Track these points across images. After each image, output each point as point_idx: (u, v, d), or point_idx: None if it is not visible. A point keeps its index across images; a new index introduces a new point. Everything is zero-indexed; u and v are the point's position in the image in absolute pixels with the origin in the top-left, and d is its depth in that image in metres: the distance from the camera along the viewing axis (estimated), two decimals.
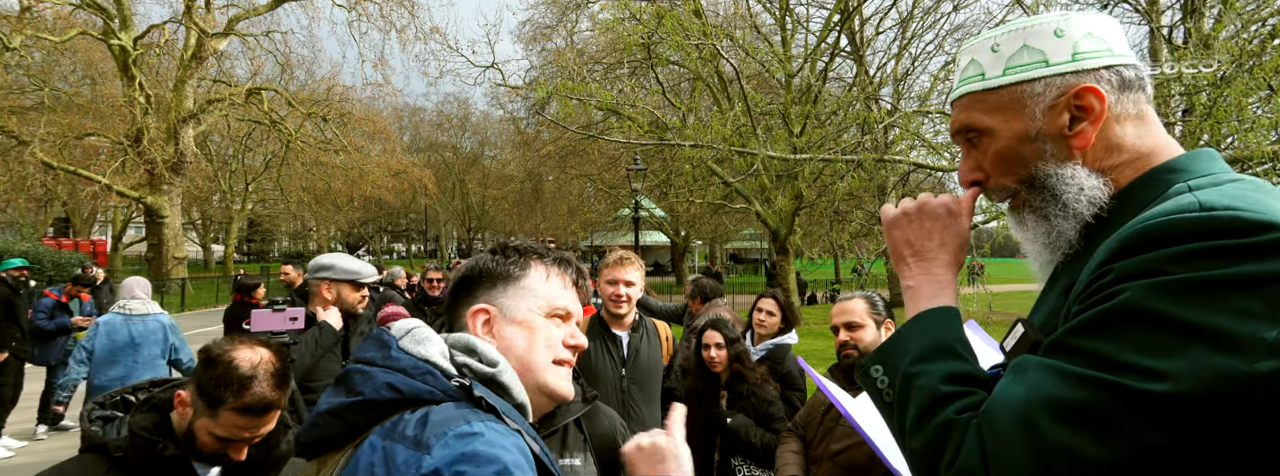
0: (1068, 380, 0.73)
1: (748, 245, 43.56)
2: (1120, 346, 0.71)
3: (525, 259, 1.16)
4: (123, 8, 19.97)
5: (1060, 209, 0.94)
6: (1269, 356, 0.66)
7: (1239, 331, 0.67)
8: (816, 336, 13.17)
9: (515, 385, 1.02)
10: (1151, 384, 0.68)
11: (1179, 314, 0.69)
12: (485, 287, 1.13)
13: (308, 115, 23.36)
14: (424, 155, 42.89)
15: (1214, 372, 0.67)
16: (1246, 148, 6.89)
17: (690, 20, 11.62)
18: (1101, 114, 0.92)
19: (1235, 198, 0.75)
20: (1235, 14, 7.83)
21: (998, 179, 1.00)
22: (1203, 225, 0.73)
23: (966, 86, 1.00)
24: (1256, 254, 0.69)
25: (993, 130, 0.97)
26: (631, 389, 3.05)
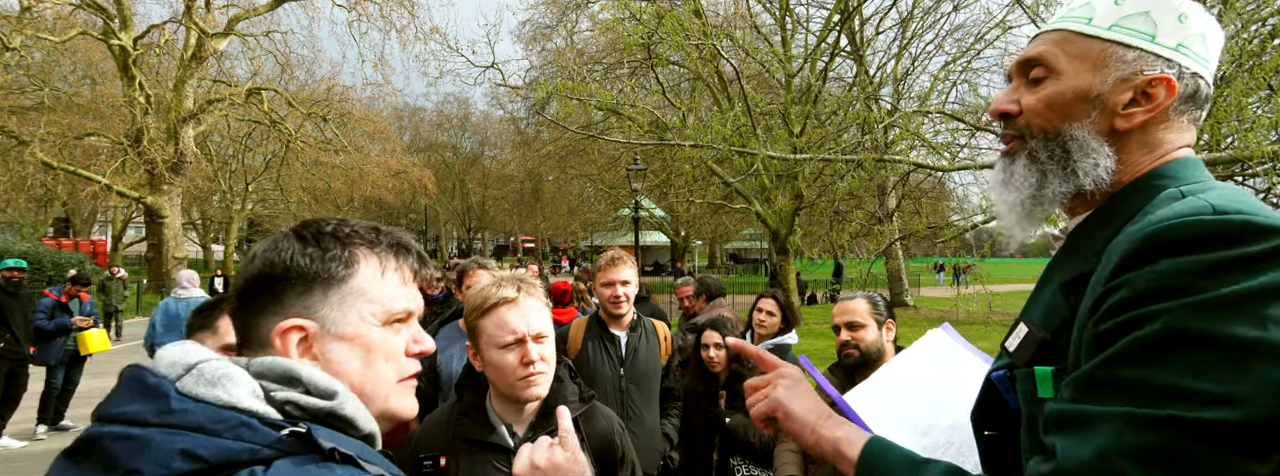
0: (1134, 425, 0.69)
1: (748, 245, 43.57)
2: (1177, 375, 0.68)
3: (350, 250, 0.85)
4: (123, 8, 19.97)
5: (1062, 172, 0.92)
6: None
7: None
8: (816, 336, 13.18)
9: (361, 415, 0.78)
10: (1223, 412, 0.65)
11: (1226, 332, 0.67)
12: (296, 293, 0.81)
13: (308, 115, 23.36)
14: (424, 155, 42.89)
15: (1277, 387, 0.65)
16: (1246, 148, 6.89)
17: (690, 20, 11.62)
18: (1159, 108, 0.90)
19: (1240, 201, 0.75)
20: (1235, 14, 7.82)
21: (1030, 117, 0.96)
22: (1217, 229, 0.71)
23: (1069, 23, 0.96)
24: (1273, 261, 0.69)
25: (1061, 74, 0.94)
26: (630, 388, 3.05)
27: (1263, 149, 6.70)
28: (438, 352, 3.15)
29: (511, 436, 1.63)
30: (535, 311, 1.60)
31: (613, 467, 1.74)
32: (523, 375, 1.55)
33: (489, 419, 1.64)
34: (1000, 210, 1.00)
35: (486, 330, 1.59)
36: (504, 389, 1.60)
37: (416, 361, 0.90)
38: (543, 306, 1.64)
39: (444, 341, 3.19)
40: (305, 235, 0.85)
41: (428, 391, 3.11)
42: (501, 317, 1.57)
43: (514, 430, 1.64)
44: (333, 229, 0.87)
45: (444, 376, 3.07)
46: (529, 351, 1.55)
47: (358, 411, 0.78)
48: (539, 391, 1.58)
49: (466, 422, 1.63)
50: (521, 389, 1.56)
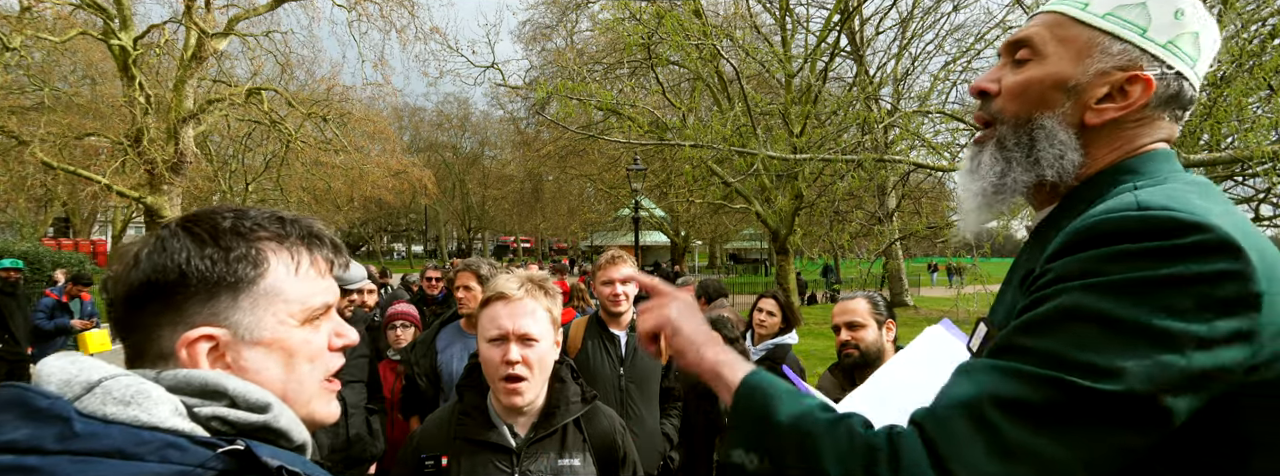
0: (1018, 378, 0.72)
1: (748, 245, 43.54)
2: (1066, 344, 0.72)
3: (256, 247, 0.76)
4: (123, 8, 19.97)
5: (1027, 161, 0.92)
6: (1200, 350, 0.68)
7: (1173, 328, 0.69)
8: (817, 336, 13.17)
9: (294, 426, 0.73)
10: (1103, 383, 0.69)
11: (1118, 312, 0.70)
12: (200, 300, 0.72)
13: (308, 115, 23.34)
14: (424, 155, 42.86)
15: (1161, 369, 0.68)
16: (1246, 148, 6.89)
17: (690, 20, 11.62)
18: (1132, 105, 0.89)
19: (1171, 197, 0.76)
20: (1235, 14, 7.82)
21: (1005, 101, 0.95)
22: (1137, 224, 0.74)
23: (1065, 6, 0.94)
24: (1184, 254, 0.71)
25: (1046, 58, 0.93)
26: (630, 388, 3.05)
27: (1263, 149, 6.71)
28: (438, 353, 3.15)
29: (513, 437, 1.63)
30: (528, 313, 1.59)
31: (614, 467, 1.74)
32: (503, 374, 1.55)
33: (490, 419, 1.64)
34: (962, 198, 1.00)
35: (481, 322, 1.61)
36: (491, 387, 1.61)
37: (340, 356, 0.84)
38: (543, 310, 1.62)
39: (444, 342, 3.19)
40: (200, 233, 0.75)
41: (429, 392, 3.11)
42: (494, 312, 1.58)
43: (515, 430, 1.64)
44: (232, 224, 0.77)
45: (445, 377, 3.07)
46: (509, 351, 1.55)
47: (291, 422, 0.72)
48: (517, 400, 1.57)
49: (468, 422, 1.64)
50: (502, 394, 1.57)
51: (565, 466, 1.62)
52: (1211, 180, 5.36)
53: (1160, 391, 0.68)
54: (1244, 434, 0.73)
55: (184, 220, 0.79)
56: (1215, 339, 0.69)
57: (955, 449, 0.72)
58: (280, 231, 0.80)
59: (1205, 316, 0.69)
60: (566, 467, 1.62)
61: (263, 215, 0.82)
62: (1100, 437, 0.69)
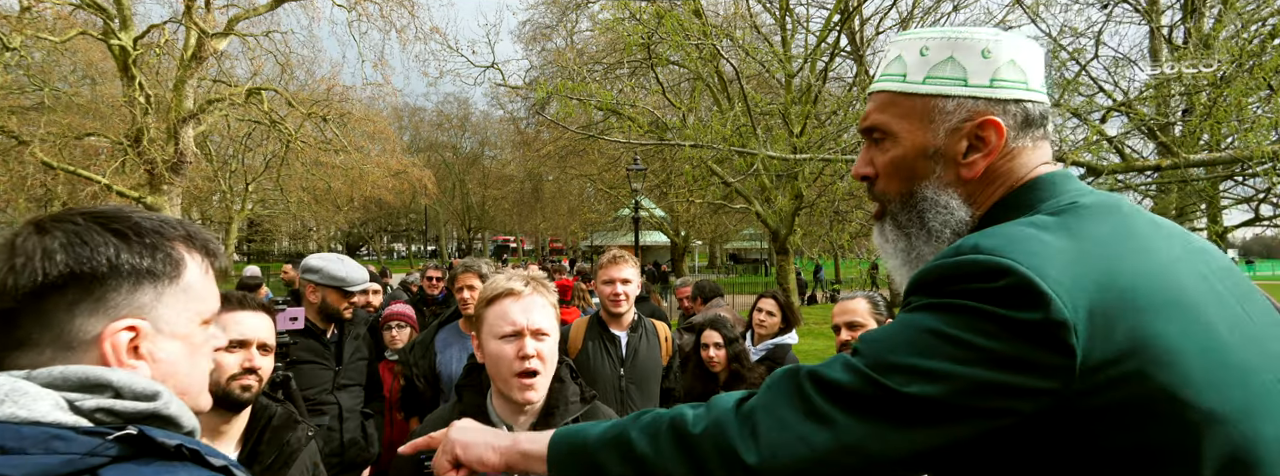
0: (841, 366, 0.83)
1: (748, 245, 43.54)
2: (885, 350, 0.81)
3: (175, 247, 0.82)
4: (123, 8, 19.97)
5: (923, 233, 0.99)
6: (992, 368, 0.76)
7: (976, 343, 0.77)
8: (816, 336, 13.17)
9: (183, 412, 0.76)
10: (907, 386, 0.78)
11: (929, 327, 0.80)
12: (125, 292, 0.77)
13: (308, 115, 23.34)
14: (424, 155, 42.84)
15: (955, 377, 0.76)
16: (1246, 147, 6.89)
17: (690, 20, 11.61)
18: (996, 148, 0.94)
19: (995, 239, 0.83)
20: (1235, 14, 7.82)
21: (884, 183, 1.02)
22: (950, 269, 0.83)
23: (887, 83, 1.00)
24: (993, 296, 0.78)
25: (897, 136, 0.98)
26: (630, 389, 3.05)
27: (1263, 149, 6.70)
28: (437, 354, 3.14)
29: None
30: (539, 308, 1.60)
31: None
32: (518, 370, 1.55)
33: (490, 418, 1.64)
34: (890, 268, 1.07)
35: (488, 320, 1.60)
36: (501, 385, 1.60)
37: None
38: (549, 306, 1.64)
39: (443, 343, 3.19)
40: (122, 230, 0.79)
41: (427, 393, 3.11)
42: (504, 308, 1.58)
43: (514, 430, 1.64)
44: (152, 225, 0.82)
45: (444, 377, 3.07)
46: (525, 345, 1.55)
47: (180, 409, 0.76)
48: (533, 395, 1.58)
49: None
50: (517, 390, 1.56)
51: None
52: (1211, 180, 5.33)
53: (948, 396, 0.76)
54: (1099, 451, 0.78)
55: (94, 216, 0.81)
56: (1017, 360, 0.76)
57: (770, 403, 0.84)
58: (187, 235, 0.85)
59: (1008, 342, 0.76)
60: None
61: (165, 219, 0.86)
62: (895, 427, 0.78)
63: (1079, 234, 0.83)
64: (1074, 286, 0.76)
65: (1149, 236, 0.86)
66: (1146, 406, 0.75)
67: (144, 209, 0.87)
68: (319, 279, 3.06)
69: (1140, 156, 8.63)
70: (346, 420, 3.05)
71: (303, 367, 2.93)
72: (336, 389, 3.05)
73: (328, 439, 2.93)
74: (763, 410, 0.83)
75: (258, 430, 1.74)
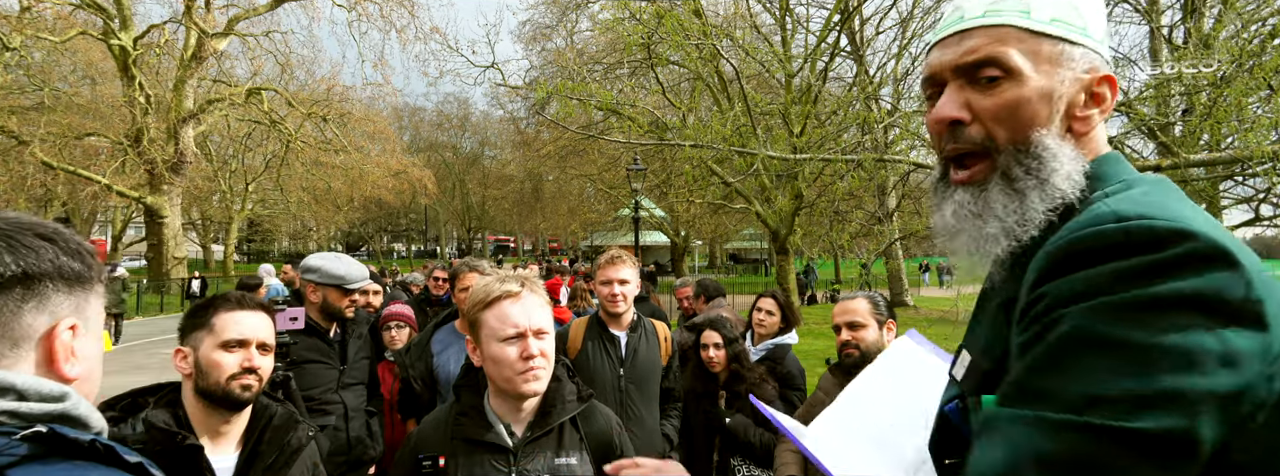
0: (1044, 430, 0.67)
1: (748, 245, 43.56)
2: (1083, 381, 0.66)
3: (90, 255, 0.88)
4: (123, 8, 19.96)
5: (1042, 189, 0.84)
6: (1223, 368, 0.63)
7: (1189, 347, 0.64)
8: (816, 336, 13.18)
9: (91, 413, 0.78)
10: (1132, 420, 0.63)
11: (1127, 337, 0.65)
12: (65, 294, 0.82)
13: (308, 115, 23.34)
14: (424, 155, 42.88)
15: (1187, 394, 0.63)
16: (1246, 148, 6.89)
17: (690, 20, 11.61)
18: (1109, 107, 0.88)
19: (1145, 205, 0.72)
20: (1235, 14, 7.83)
21: (994, 124, 0.87)
22: (1121, 237, 0.69)
23: (1008, 17, 0.87)
24: (1178, 268, 0.66)
25: (1022, 76, 0.86)
26: (630, 388, 3.05)
27: (1263, 149, 6.70)
28: (434, 355, 3.13)
29: (510, 436, 1.63)
30: (538, 307, 1.61)
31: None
32: (522, 369, 1.55)
33: (487, 418, 1.64)
34: (972, 242, 0.89)
35: (488, 323, 1.59)
36: (502, 383, 1.60)
37: None
38: (545, 303, 1.65)
39: (440, 344, 3.18)
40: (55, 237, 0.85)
41: (424, 395, 3.10)
42: (504, 311, 1.58)
43: (512, 429, 1.64)
44: (71, 234, 0.88)
45: (442, 378, 3.06)
46: (529, 346, 1.56)
47: (88, 410, 0.77)
48: (538, 386, 1.59)
49: (465, 422, 1.64)
50: (521, 382, 1.57)
51: (562, 465, 1.62)
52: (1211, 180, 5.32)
53: (1191, 419, 0.62)
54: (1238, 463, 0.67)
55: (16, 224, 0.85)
56: (1232, 353, 0.64)
57: None
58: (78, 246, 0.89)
59: (1216, 331, 0.64)
60: (563, 466, 1.62)
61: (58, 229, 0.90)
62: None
63: (1180, 199, 0.78)
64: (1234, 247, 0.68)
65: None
66: None
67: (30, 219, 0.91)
68: (318, 278, 3.06)
69: (1140, 156, 8.64)
70: (352, 419, 3.05)
71: (307, 367, 2.92)
72: (341, 388, 3.05)
73: (333, 438, 2.92)
74: None
75: (258, 430, 1.74)
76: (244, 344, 1.69)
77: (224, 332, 1.69)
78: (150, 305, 20.18)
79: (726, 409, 3.15)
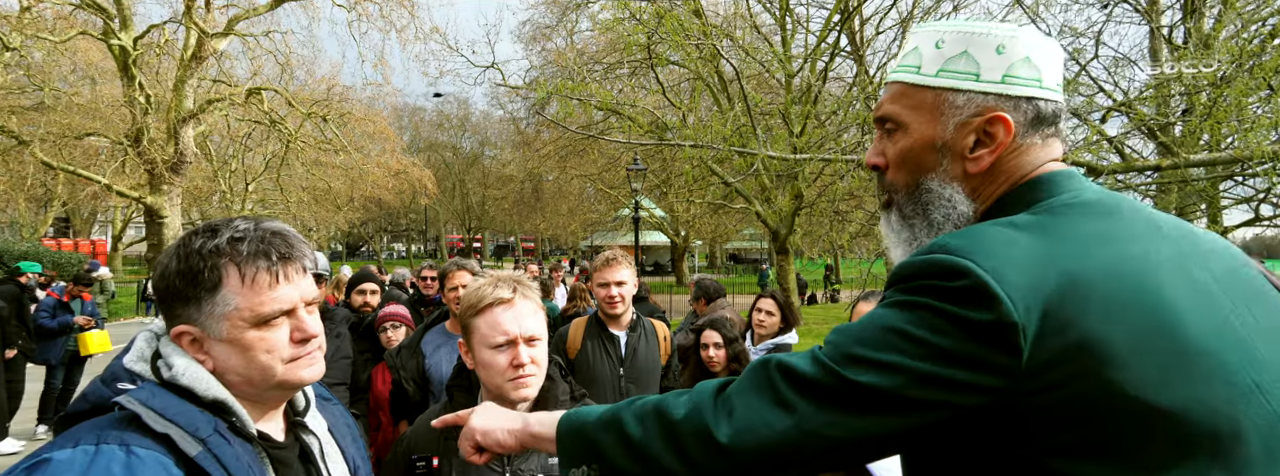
0: (807, 358, 0.88)
1: (748, 245, 43.56)
2: (850, 343, 0.86)
3: (215, 267, 1.03)
4: (123, 8, 19.96)
5: (925, 224, 1.01)
6: (940, 363, 0.80)
7: (928, 339, 0.81)
8: (816, 336, 13.17)
9: (199, 383, 1.00)
10: (857, 374, 0.82)
11: (889, 324, 0.84)
12: (179, 306, 1.03)
13: (308, 115, 23.34)
14: (424, 155, 42.87)
15: (903, 369, 0.81)
16: (1246, 147, 6.88)
17: (690, 20, 11.61)
18: (1002, 145, 0.95)
19: (964, 239, 0.86)
20: (1235, 14, 7.83)
21: (893, 174, 1.04)
22: (918, 267, 0.86)
23: (902, 74, 1.01)
24: (942, 293, 0.82)
25: (907, 127, 1.00)
26: (630, 388, 3.04)
27: (1263, 149, 6.69)
28: (425, 356, 3.11)
29: None
30: (530, 314, 1.60)
31: None
32: (512, 376, 1.55)
33: None
34: (893, 257, 1.08)
35: (480, 329, 1.58)
36: (493, 388, 1.60)
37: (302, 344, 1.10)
38: (538, 309, 1.63)
39: (432, 345, 3.15)
40: (180, 253, 1.04)
41: (416, 396, 3.07)
42: (495, 318, 1.57)
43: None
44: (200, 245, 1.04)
45: (434, 379, 3.04)
46: (520, 354, 1.55)
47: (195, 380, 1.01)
48: (528, 392, 1.58)
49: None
50: (511, 389, 1.56)
51: (556, 465, 1.61)
52: (1211, 180, 5.29)
53: (896, 388, 0.81)
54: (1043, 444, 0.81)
55: (185, 235, 1.06)
56: (965, 357, 0.79)
57: (744, 390, 0.89)
58: (236, 250, 1.03)
59: (958, 339, 0.80)
60: (558, 467, 1.61)
61: (224, 236, 1.04)
62: (848, 414, 0.83)
63: (1055, 234, 0.86)
64: (1031, 288, 0.79)
65: (1138, 237, 0.86)
66: (1090, 403, 0.78)
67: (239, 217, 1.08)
68: None
69: (1140, 156, 8.62)
70: None
71: None
72: None
73: None
74: (738, 395, 0.90)
75: None
76: None
77: None
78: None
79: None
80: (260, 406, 1.10)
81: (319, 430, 1.24)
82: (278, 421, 1.17)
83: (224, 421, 1.01)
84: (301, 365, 1.08)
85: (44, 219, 32.04)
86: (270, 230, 1.07)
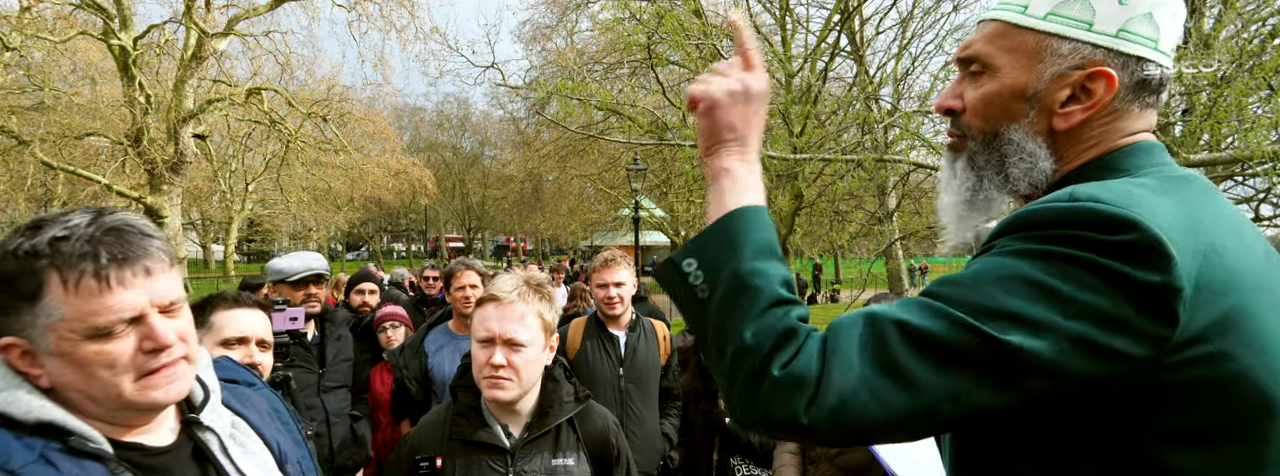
0: (935, 316, 0.75)
1: None
2: (985, 297, 0.73)
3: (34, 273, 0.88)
4: (123, 8, 19.96)
5: (999, 178, 0.92)
6: (1101, 327, 0.70)
7: (1083, 300, 0.71)
8: None
9: (15, 406, 0.86)
10: (1010, 334, 0.70)
11: (1036, 277, 0.73)
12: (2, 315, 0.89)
13: (308, 115, 23.33)
14: (424, 155, 42.84)
15: (1060, 332, 0.70)
16: (1247, 147, 6.87)
17: (690, 20, 11.60)
18: (1098, 104, 0.87)
19: (1110, 190, 0.76)
20: (1235, 14, 7.83)
21: (971, 116, 0.94)
22: (1068, 214, 0.75)
23: (1004, 13, 0.91)
24: (1112, 250, 0.72)
25: (998, 71, 0.91)
26: (629, 388, 3.04)
27: (1263, 149, 6.69)
28: (428, 356, 3.11)
29: (507, 436, 1.62)
30: (517, 317, 1.59)
31: (608, 466, 1.73)
32: (487, 375, 1.56)
33: (484, 419, 1.64)
34: (941, 208, 0.99)
35: (474, 322, 1.63)
36: (477, 382, 1.62)
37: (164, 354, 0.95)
38: (534, 315, 1.62)
39: (434, 345, 3.15)
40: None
41: (418, 396, 3.07)
42: (484, 314, 1.60)
43: (509, 430, 1.63)
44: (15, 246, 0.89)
45: (436, 379, 3.04)
46: (494, 354, 1.55)
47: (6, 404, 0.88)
48: (500, 394, 1.57)
49: (462, 423, 1.63)
50: (485, 387, 1.58)
51: (559, 466, 1.62)
52: (1212, 180, 5.31)
53: (1048, 351, 0.70)
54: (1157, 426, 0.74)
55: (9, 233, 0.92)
56: (1126, 322, 0.70)
57: (841, 354, 0.75)
58: (57, 251, 0.87)
59: (1119, 303, 0.70)
60: (561, 467, 1.62)
61: (46, 235, 0.88)
62: (980, 380, 0.71)
63: (1189, 203, 0.78)
64: (1191, 252, 0.72)
65: (1245, 224, 0.83)
66: (1218, 388, 0.71)
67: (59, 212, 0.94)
68: (269, 277, 3.03)
69: None
70: (335, 424, 2.98)
71: None
72: (322, 392, 2.98)
73: (316, 444, 2.87)
74: (840, 358, 0.75)
75: None
76: (244, 341, 1.69)
77: (223, 330, 1.68)
78: None
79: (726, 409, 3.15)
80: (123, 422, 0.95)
81: (219, 425, 1.07)
82: (166, 424, 1.02)
83: (58, 443, 0.86)
84: (156, 383, 0.91)
85: None
86: (106, 226, 0.91)
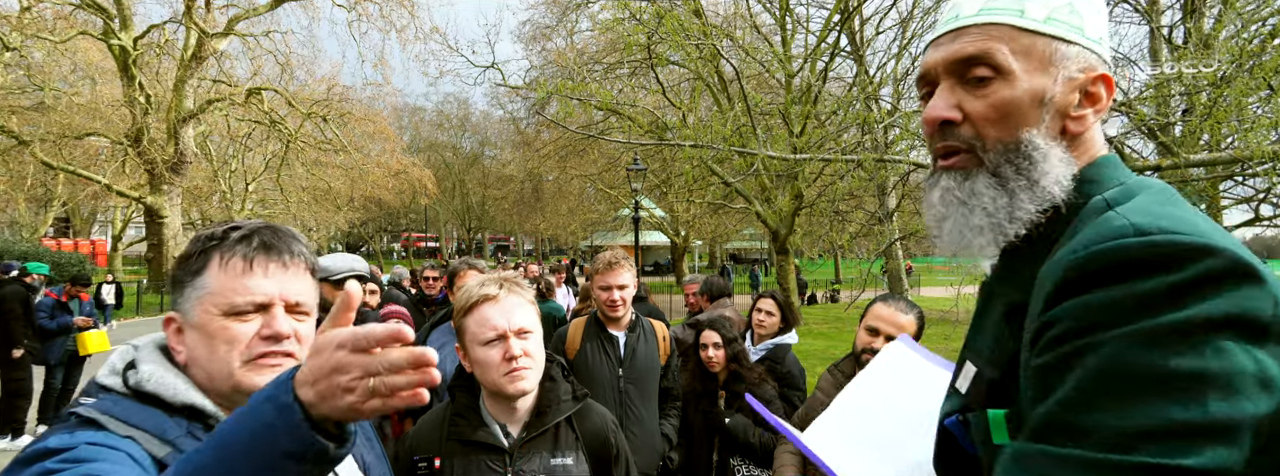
0: (1082, 470, 0.62)
1: (748, 245, 43.55)
2: (1124, 416, 0.62)
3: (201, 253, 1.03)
4: (123, 8, 19.96)
5: (1032, 190, 0.83)
6: (1262, 391, 0.61)
7: (1231, 371, 0.61)
8: (816, 336, 13.17)
9: (165, 389, 0.95)
10: (1182, 457, 0.59)
11: (1167, 365, 0.62)
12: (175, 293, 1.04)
13: (308, 115, 23.35)
14: (424, 155, 42.88)
15: (1235, 419, 0.60)
16: (1247, 147, 6.87)
17: (690, 20, 11.61)
18: (1103, 107, 0.86)
19: (1160, 216, 0.70)
20: (1235, 14, 7.83)
21: (985, 126, 0.85)
22: (1142, 254, 0.66)
23: (1001, 16, 0.86)
24: (1204, 287, 0.64)
25: (1011, 76, 0.84)
26: (629, 388, 3.04)
27: (1263, 149, 6.69)
28: None
29: (505, 436, 1.62)
30: (517, 308, 1.60)
31: (608, 465, 1.73)
32: (506, 370, 1.55)
33: (483, 419, 1.64)
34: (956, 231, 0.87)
35: (469, 328, 1.60)
36: (490, 386, 1.60)
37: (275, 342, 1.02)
38: (527, 303, 1.64)
39: (435, 344, 3.16)
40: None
41: None
42: (483, 314, 1.58)
43: (508, 430, 1.63)
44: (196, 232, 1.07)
45: (440, 379, 3.05)
46: (511, 346, 1.55)
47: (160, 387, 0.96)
48: (524, 385, 1.58)
49: (460, 423, 1.63)
50: (506, 383, 1.56)
51: (558, 465, 1.61)
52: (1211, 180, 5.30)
53: (1239, 449, 0.60)
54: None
55: None
56: (1267, 374, 0.61)
57: None
58: (226, 238, 1.03)
59: (1251, 351, 0.61)
60: (559, 466, 1.61)
61: (224, 229, 1.04)
62: None
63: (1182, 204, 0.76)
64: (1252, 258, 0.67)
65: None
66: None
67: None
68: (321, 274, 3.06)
69: (1140, 156, 8.63)
70: None
71: None
72: None
73: None
74: None
75: None
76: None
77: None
78: (150, 305, 20.16)
79: (726, 409, 3.15)
80: None
81: None
82: None
83: (201, 425, 0.95)
84: (262, 368, 0.98)
85: (44, 219, 32.01)
86: (267, 226, 1.06)
